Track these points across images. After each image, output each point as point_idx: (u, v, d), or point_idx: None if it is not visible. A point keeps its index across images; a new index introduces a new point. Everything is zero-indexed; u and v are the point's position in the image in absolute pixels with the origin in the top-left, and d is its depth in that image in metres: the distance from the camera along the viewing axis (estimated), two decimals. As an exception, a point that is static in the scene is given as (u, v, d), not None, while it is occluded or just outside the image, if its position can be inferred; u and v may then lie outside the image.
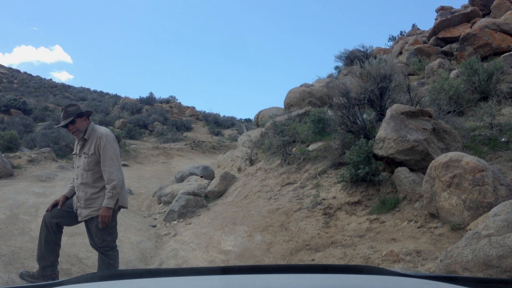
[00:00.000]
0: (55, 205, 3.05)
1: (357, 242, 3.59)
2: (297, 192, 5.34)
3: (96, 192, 2.92)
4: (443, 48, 9.87)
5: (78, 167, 2.98)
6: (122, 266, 3.82)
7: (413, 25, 15.55)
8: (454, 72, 7.23)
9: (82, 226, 3.16)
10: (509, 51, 7.47)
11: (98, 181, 2.93)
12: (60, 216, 3.01)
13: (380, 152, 4.44)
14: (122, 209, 3.24)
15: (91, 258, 3.80)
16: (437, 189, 3.43)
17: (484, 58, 7.58)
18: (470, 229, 2.60)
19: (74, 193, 3.05)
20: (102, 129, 3.01)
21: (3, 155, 7.76)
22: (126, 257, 4.02)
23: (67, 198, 3.09)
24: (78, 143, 3.04)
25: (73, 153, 3.18)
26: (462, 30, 9.16)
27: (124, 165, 12.12)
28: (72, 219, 3.03)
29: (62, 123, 2.92)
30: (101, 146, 2.88)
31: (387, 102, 5.50)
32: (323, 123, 6.90)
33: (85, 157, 2.92)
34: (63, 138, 11.76)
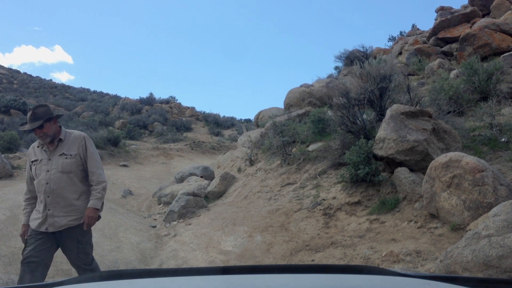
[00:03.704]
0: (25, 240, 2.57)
1: (357, 243, 3.59)
2: (297, 192, 5.34)
3: (76, 198, 2.60)
4: (443, 48, 9.88)
5: (48, 171, 2.56)
6: (122, 266, 3.82)
7: (413, 25, 15.58)
8: (454, 72, 7.24)
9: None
10: (509, 51, 7.48)
11: (78, 184, 2.63)
12: (41, 252, 2.47)
13: (380, 152, 4.44)
14: (122, 210, 3.22)
15: (91, 259, 3.80)
16: (437, 189, 3.43)
17: (484, 58, 7.59)
18: (470, 230, 2.60)
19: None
20: (78, 131, 2.78)
21: (3, 155, 7.76)
22: (126, 258, 4.01)
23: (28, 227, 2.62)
24: (44, 148, 2.63)
25: (32, 159, 2.64)
26: (462, 30, 9.17)
27: (124, 165, 12.13)
28: (49, 249, 2.51)
29: (28, 127, 2.53)
30: (87, 147, 2.68)
31: (387, 102, 5.50)
32: (323, 123, 6.90)
33: (66, 158, 2.59)
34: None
